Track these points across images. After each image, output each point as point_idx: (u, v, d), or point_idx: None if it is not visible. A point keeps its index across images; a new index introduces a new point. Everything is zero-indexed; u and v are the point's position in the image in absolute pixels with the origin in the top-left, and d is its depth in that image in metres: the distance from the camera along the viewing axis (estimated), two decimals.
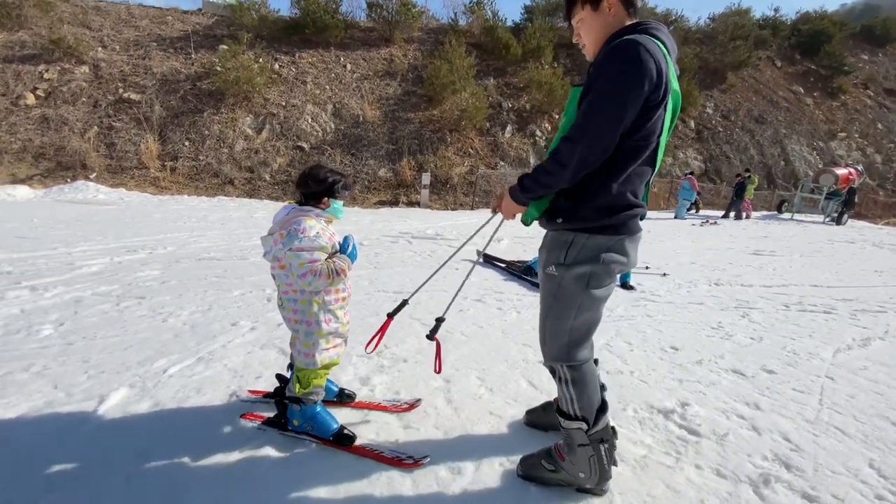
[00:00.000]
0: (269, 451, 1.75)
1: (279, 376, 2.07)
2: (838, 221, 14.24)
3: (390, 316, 1.91)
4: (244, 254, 5.24)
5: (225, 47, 15.40)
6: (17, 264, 4.22)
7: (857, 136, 23.03)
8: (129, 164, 13.28)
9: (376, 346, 1.89)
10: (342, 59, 17.35)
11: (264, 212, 9.79)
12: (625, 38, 1.28)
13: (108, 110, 14.21)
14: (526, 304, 3.87)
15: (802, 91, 24.02)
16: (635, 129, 1.31)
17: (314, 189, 1.77)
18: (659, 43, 1.31)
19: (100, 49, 15.57)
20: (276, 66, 16.30)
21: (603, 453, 1.54)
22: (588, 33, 1.45)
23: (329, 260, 1.74)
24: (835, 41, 24.94)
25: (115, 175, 13.00)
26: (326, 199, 1.79)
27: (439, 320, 1.86)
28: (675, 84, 1.35)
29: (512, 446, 1.84)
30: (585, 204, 1.41)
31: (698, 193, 14.28)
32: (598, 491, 1.59)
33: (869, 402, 2.38)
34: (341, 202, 1.86)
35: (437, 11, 19.69)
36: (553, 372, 1.59)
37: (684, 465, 1.79)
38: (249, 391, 2.18)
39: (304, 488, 1.57)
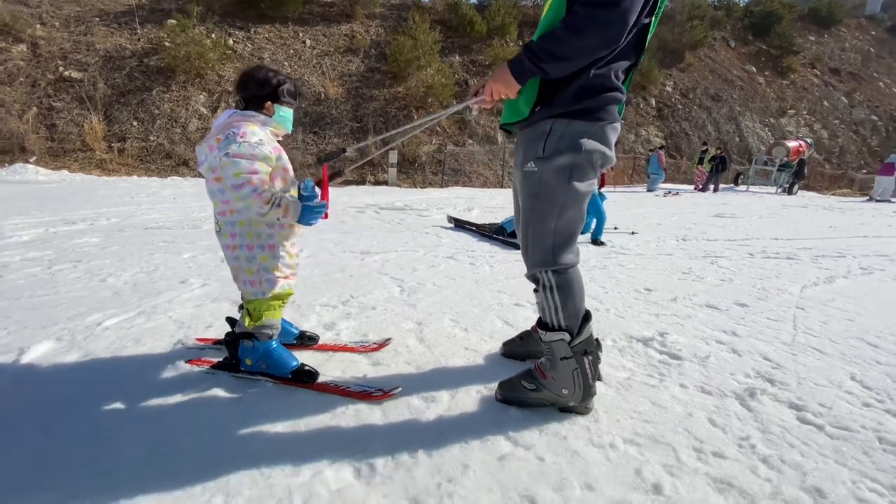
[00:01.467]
0: (218, 393, 1.55)
1: (229, 319, 1.86)
2: (790, 191, 14.91)
3: (323, 161, 1.67)
4: (198, 223, 4.88)
5: (173, 22, 14.42)
6: None
7: (805, 112, 24.14)
8: (73, 146, 12.32)
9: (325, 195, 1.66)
10: (301, 35, 16.60)
11: None
12: None
13: (48, 90, 13.09)
14: (499, 260, 3.75)
15: (755, 70, 24.89)
16: None
17: (254, 92, 1.54)
18: None
19: (38, 26, 14.26)
20: (231, 42, 15.43)
21: (587, 366, 1.42)
22: None
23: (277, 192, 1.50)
24: (784, 23, 25.87)
25: (56, 158, 12.03)
26: (269, 104, 1.55)
27: (342, 150, 1.69)
28: None
29: (489, 375, 1.71)
30: (565, 84, 1.27)
31: (664, 170, 14.55)
32: (582, 409, 1.48)
33: (841, 327, 2.39)
34: (290, 110, 1.63)
35: None
36: (536, 281, 1.45)
37: (668, 385, 1.71)
38: (197, 339, 1.96)
39: (259, 426, 1.38)
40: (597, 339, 1.48)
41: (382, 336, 2.07)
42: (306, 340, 1.93)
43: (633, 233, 5.32)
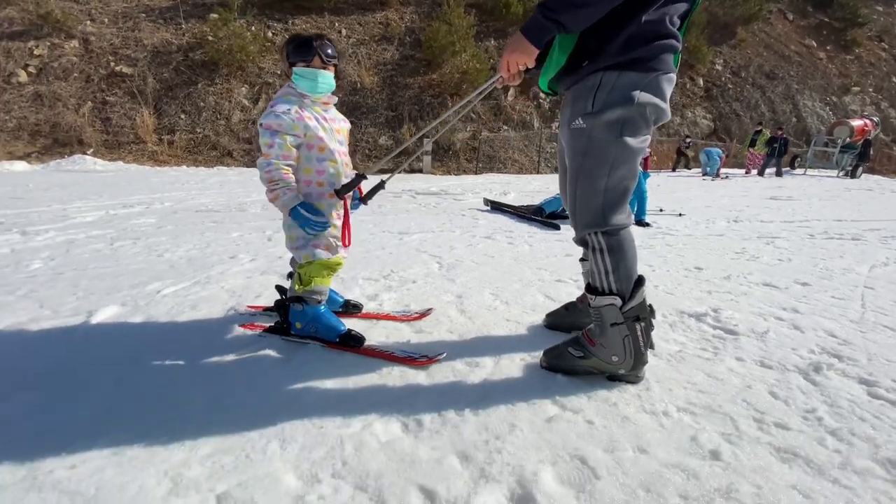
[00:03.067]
0: (271, 353, 1.61)
1: (279, 287, 1.91)
2: (853, 175, 13.86)
3: (341, 195, 1.60)
4: (243, 207, 5.07)
5: (215, 16, 14.89)
6: (10, 217, 4.07)
7: (871, 90, 22.27)
8: (126, 138, 13.03)
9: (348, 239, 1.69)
10: (336, 25, 16.77)
11: None
12: None
13: (101, 84, 13.87)
14: (538, 240, 3.69)
15: (815, 45, 23.11)
16: None
17: (288, 56, 1.53)
18: None
19: (88, 22, 15.09)
20: (270, 34, 15.80)
21: (639, 333, 1.37)
22: None
23: (285, 169, 1.47)
24: None
25: (112, 150, 12.79)
26: (301, 63, 1.50)
27: (381, 185, 1.68)
28: None
29: (533, 344, 1.69)
30: (613, 36, 1.21)
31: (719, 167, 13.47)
32: (632, 378, 1.43)
33: None
34: (307, 69, 1.49)
35: None
36: (585, 244, 1.40)
37: (724, 358, 1.64)
38: (248, 306, 2.03)
39: (310, 382, 1.42)
40: (650, 306, 1.42)
41: (424, 307, 2.08)
42: (351, 308, 1.97)
43: (680, 214, 5.10)
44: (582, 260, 1.69)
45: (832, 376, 1.52)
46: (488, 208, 5.47)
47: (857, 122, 14.92)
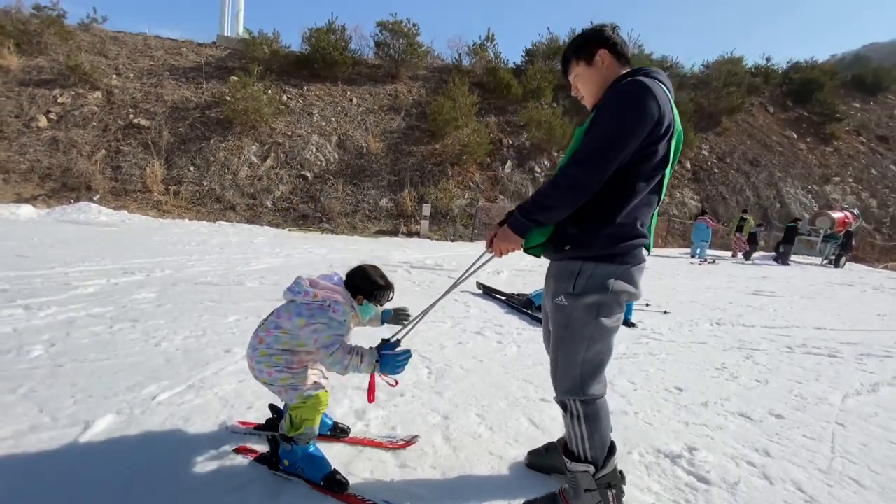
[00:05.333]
0: (258, 489, 1.66)
1: (272, 406, 2.00)
2: (836, 264, 14.31)
3: (379, 351, 1.83)
4: (241, 279, 5.19)
5: (236, 78, 15.84)
6: (14, 282, 4.16)
7: (851, 180, 23.49)
8: (133, 186, 13.38)
9: (373, 395, 1.83)
10: (349, 94, 17.85)
11: (264, 237, 9.81)
12: (630, 78, 1.35)
13: (118, 134, 14.45)
14: (526, 339, 3.81)
15: (795, 136, 24.66)
16: (642, 159, 1.34)
17: (357, 283, 1.82)
18: (661, 84, 1.36)
19: (114, 76, 15.99)
20: (285, 98, 16.74)
21: (611, 499, 1.46)
22: (585, 86, 1.56)
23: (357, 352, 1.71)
24: (826, 89, 25.76)
25: (118, 197, 13.08)
26: (362, 297, 1.82)
27: (386, 342, 1.80)
28: (678, 122, 1.41)
29: (513, 490, 1.76)
30: (593, 232, 1.41)
31: (714, 230, 13.89)
32: None
33: (882, 451, 2.30)
34: (373, 307, 1.89)
35: (442, 52, 20.61)
36: (564, 407, 1.53)
37: None
38: (240, 422, 2.10)
39: None
40: (620, 472, 1.52)
41: (410, 430, 2.15)
42: (339, 433, 2.04)
43: (665, 312, 5.27)
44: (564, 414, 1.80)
45: None
46: (480, 292, 5.62)
47: (837, 214, 15.64)
